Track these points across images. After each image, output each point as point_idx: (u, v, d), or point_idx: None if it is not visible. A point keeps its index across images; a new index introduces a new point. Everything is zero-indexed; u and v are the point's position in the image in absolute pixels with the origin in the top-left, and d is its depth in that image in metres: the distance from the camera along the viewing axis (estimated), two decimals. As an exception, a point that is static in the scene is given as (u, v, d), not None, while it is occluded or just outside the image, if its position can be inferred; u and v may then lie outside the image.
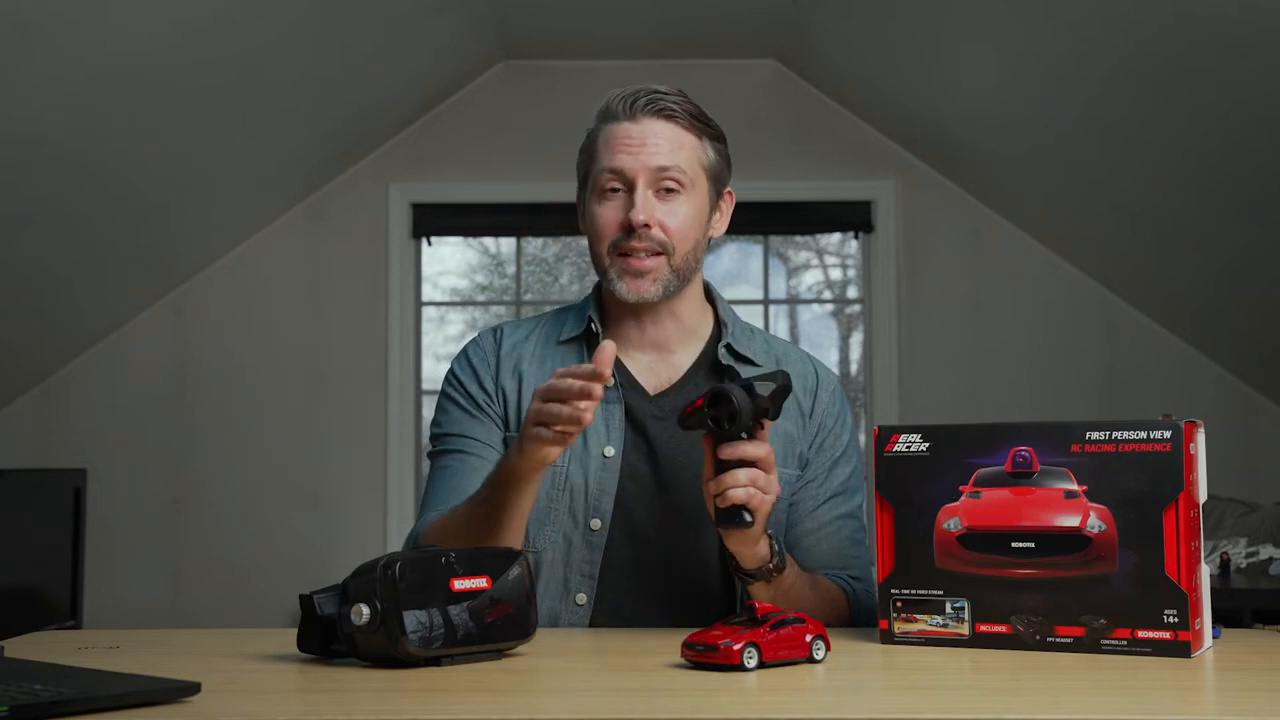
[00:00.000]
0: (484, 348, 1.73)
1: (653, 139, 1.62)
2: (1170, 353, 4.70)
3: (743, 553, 1.48)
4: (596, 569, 1.61)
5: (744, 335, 1.72)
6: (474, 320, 5.02)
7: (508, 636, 1.28)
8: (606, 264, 1.64)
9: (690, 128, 1.65)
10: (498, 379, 1.69)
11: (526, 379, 1.68)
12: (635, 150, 1.61)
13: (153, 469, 4.66)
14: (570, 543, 1.61)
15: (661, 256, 1.62)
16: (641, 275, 1.62)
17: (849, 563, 1.66)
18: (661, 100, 1.63)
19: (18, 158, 3.31)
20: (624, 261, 1.62)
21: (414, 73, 4.45)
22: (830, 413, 1.70)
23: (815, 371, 1.73)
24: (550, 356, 1.70)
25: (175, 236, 4.41)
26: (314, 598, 1.27)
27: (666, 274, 1.63)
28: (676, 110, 1.64)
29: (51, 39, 2.94)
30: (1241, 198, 3.73)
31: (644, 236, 1.60)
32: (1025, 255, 4.75)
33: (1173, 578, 1.25)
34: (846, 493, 1.69)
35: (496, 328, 1.76)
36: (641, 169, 1.61)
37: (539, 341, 1.72)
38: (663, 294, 1.64)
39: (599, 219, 1.63)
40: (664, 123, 1.63)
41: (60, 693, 1.01)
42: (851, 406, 1.81)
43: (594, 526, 1.61)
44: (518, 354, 1.71)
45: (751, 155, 4.74)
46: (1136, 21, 3.24)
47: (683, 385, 1.67)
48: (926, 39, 3.99)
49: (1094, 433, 1.29)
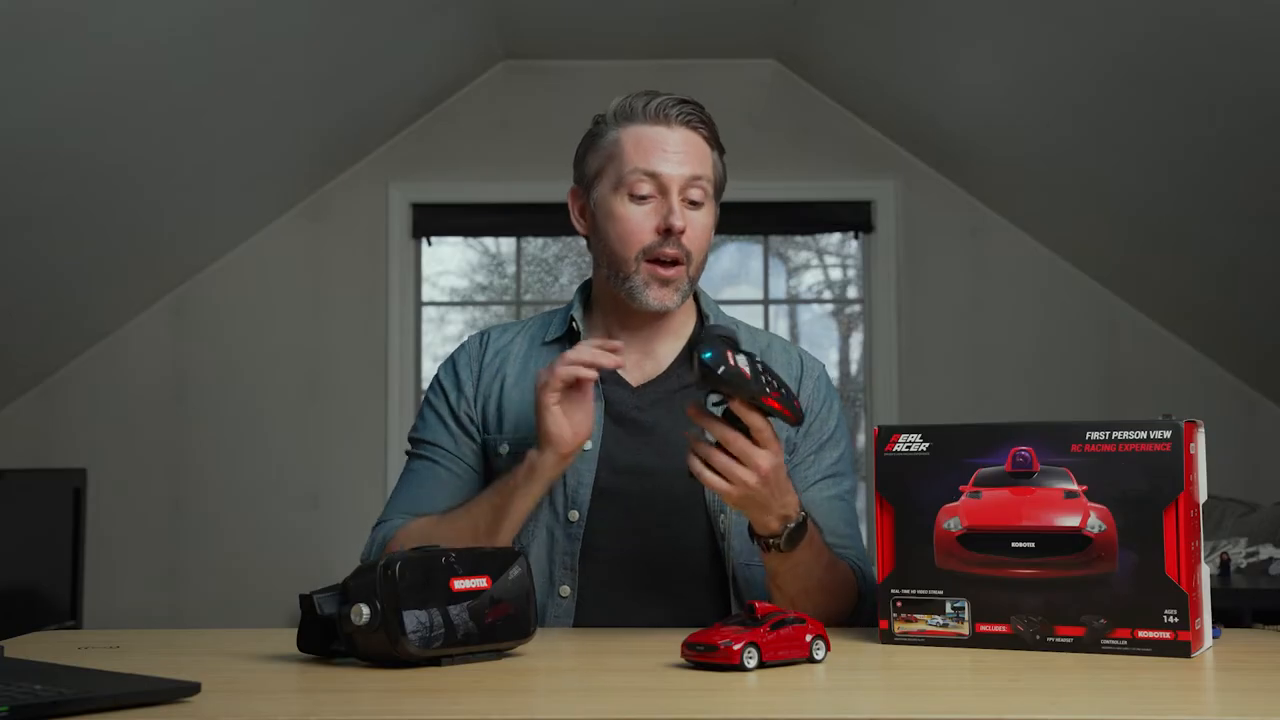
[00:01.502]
0: (469, 352, 1.75)
1: (686, 147, 1.64)
2: (1170, 353, 4.70)
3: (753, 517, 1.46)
4: (576, 560, 1.62)
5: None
6: (474, 320, 5.02)
7: (508, 636, 1.28)
8: (631, 269, 1.63)
9: (709, 140, 1.67)
10: (479, 385, 1.71)
11: (508, 380, 1.70)
12: (672, 156, 1.62)
13: (153, 469, 4.66)
14: (552, 536, 1.62)
15: (683, 266, 1.63)
16: (667, 284, 1.63)
17: (845, 542, 1.66)
18: (690, 113, 1.65)
19: (18, 158, 3.31)
20: (653, 268, 1.62)
21: (414, 73, 4.45)
22: (816, 398, 1.71)
23: (800, 359, 1.75)
24: (534, 358, 1.71)
25: (175, 236, 4.41)
26: (314, 598, 1.27)
27: (685, 284, 1.65)
28: (704, 124, 1.66)
29: (51, 39, 2.94)
30: (1241, 198, 3.73)
31: (676, 243, 1.61)
32: (1025, 255, 4.75)
33: (1173, 578, 1.25)
34: (836, 476, 1.69)
35: (484, 332, 1.78)
36: (677, 175, 1.62)
37: (524, 344, 1.74)
38: (679, 302, 1.66)
39: (630, 221, 1.63)
40: (692, 132, 1.65)
41: (60, 693, 1.01)
42: (851, 406, 1.82)
43: (572, 518, 1.62)
44: (502, 357, 1.73)
45: (751, 155, 4.76)
46: (1136, 21, 3.24)
47: (666, 377, 1.69)
48: (926, 39, 3.99)
49: (1094, 433, 1.29)
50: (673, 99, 1.65)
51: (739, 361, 1.34)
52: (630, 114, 1.65)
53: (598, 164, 1.67)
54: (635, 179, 1.62)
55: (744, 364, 1.35)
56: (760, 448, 1.38)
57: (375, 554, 1.63)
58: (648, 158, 1.62)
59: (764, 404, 1.36)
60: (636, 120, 1.64)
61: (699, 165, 1.64)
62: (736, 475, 1.38)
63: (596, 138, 1.68)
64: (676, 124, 1.64)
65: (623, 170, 1.63)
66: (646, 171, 1.62)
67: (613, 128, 1.66)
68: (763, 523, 1.45)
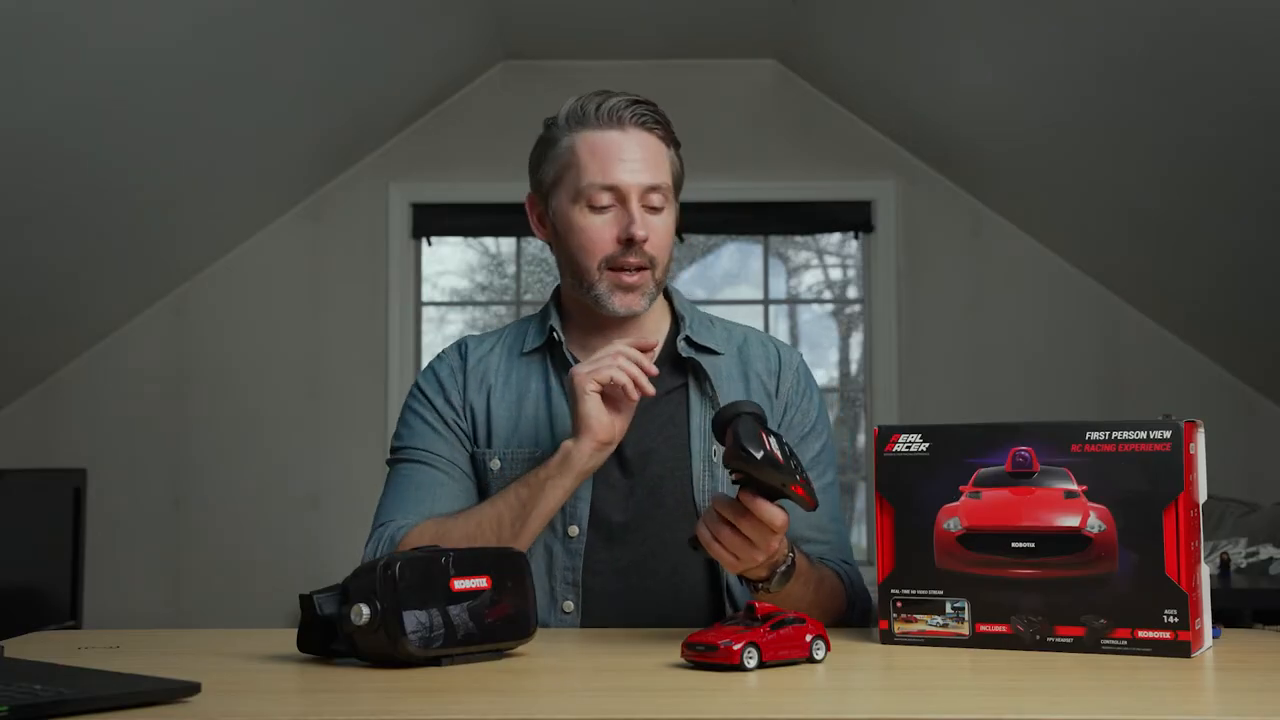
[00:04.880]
0: (450, 364, 1.72)
1: (642, 152, 1.61)
2: (1170, 353, 4.69)
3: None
4: (579, 575, 1.61)
5: (702, 326, 1.73)
6: (474, 320, 5.02)
7: (508, 636, 1.28)
8: (595, 278, 1.62)
9: (665, 138, 1.66)
10: (465, 394, 1.69)
11: (494, 394, 1.68)
12: (630, 164, 1.60)
13: (153, 469, 4.66)
14: (551, 552, 1.61)
15: (647, 271, 1.62)
16: (632, 290, 1.62)
17: (829, 537, 1.66)
18: (644, 113, 1.63)
19: (18, 158, 3.31)
20: (616, 276, 1.62)
21: (414, 73, 4.45)
22: (795, 389, 1.70)
23: (777, 352, 1.73)
24: (514, 369, 1.70)
25: (175, 236, 4.41)
26: (314, 598, 1.27)
27: (652, 287, 1.64)
28: (659, 123, 1.64)
29: (51, 39, 2.94)
30: (1241, 198, 3.73)
31: (638, 252, 1.60)
32: (1025, 255, 4.75)
33: (1173, 578, 1.25)
34: (818, 467, 1.67)
35: (460, 342, 1.75)
36: (635, 184, 1.60)
37: (502, 354, 1.72)
38: (647, 307, 1.65)
39: (590, 232, 1.61)
40: (647, 134, 1.63)
41: (60, 693, 1.01)
42: (851, 406, 1.82)
43: (572, 534, 1.61)
44: (484, 367, 1.70)
45: (751, 155, 4.79)
46: (1136, 21, 3.24)
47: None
48: (926, 39, 3.99)
49: (1094, 433, 1.29)
50: (625, 100, 1.62)
51: (772, 444, 1.30)
52: (583, 118, 1.63)
53: (553, 172, 1.65)
54: (593, 192, 1.60)
55: (776, 447, 1.31)
56: (774, 534, 1.36)
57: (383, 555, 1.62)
58: (605, 169, 1.60)
59: (791, 491, 1.32)
60: (589, 125, 1.62)
61: (657, 171, 1.62)
62: (746, 556, 1.36)
63: (550, 144, 1.66)
64: (631, 126, 1.62)
65: (580, 183, 1.61)
66: (604, 185, 1.60)
67: (565, 133, 1.64)
68: (752, 572, 1.43)
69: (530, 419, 1.66)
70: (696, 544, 1.39)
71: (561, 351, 1.67)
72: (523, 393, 1.68)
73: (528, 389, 1.68)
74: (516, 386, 1.68)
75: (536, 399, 1.67)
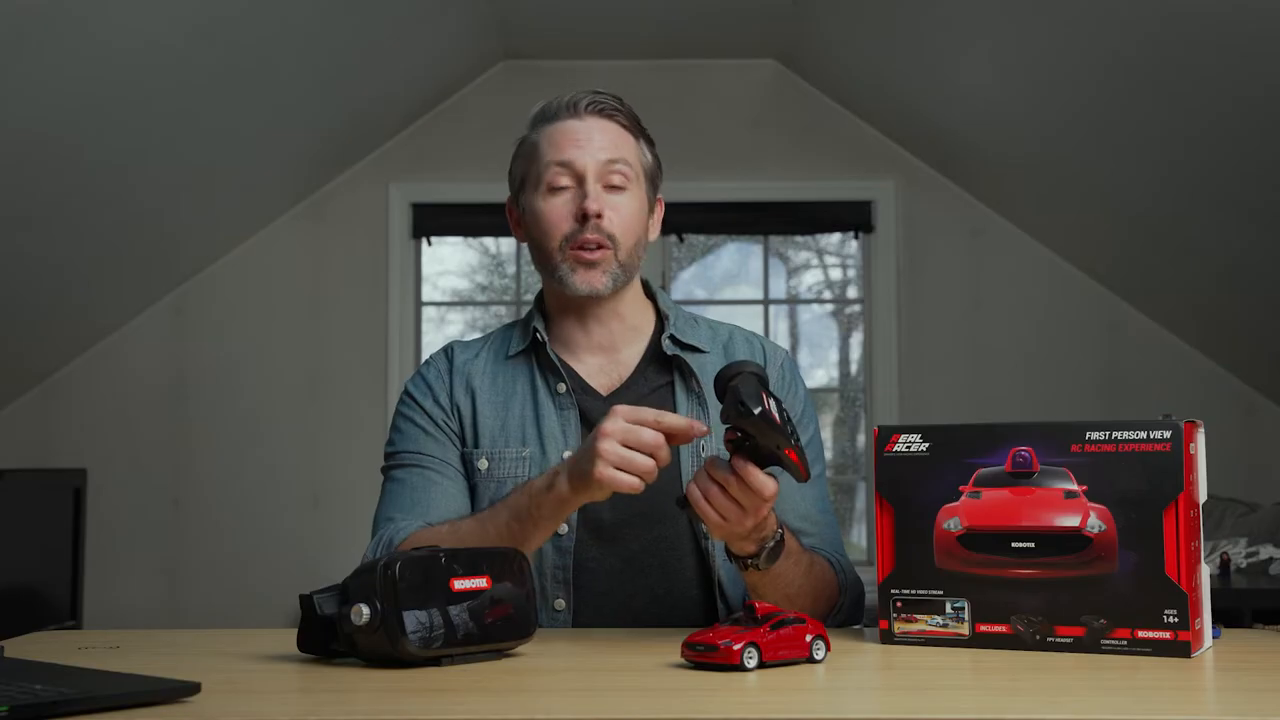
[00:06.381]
0: (437, 367, 1.74)
1: (599, 135, 1.65)
2: (1170, 353, 4.70)
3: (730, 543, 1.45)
4: (569, 573, 1.62)
5: (687, 325, 1.74)
6: (474, 320, 5.02)
7: (508, 636, 1.28)
8: (557, 260, 1.64)
9: (630, 128, 1.68)
10: (452, 396, 1.71)
11: (479, 395, 1.69)
12: (583, 144, 1.64)
13: (153, 469, 4.66)
14: (542, 550, 1.61)
15: (609, 250, 1.63)
16: (593, 266, 1.63)
17: (819, 528, 1.66)
18: (602, 101, 1.66)
19: (18, 158, 3.31)
20: (576, 254, 1.63)
21: (414, 73, 4.45)
22: (782, 384, 1.71)
23: (762, 348, 1.74)
24: (501, 372, 1.71)
25: (175, 236, 4.41)
26: (314, 598, 1.27)
27: (614, 267, 1.65)
28: (619, 111, 1.67)
29: (51, 38, 2.94)
30: (1241, 198, 3.73)
31: (596, 228, 1.62)
32: (1025, 255, 4.75)
33: (1173, 578, 1.25)
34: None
35: (447, 347, 1.78)
36: (591, 161, 1.63)
37: (488, 358, 1.73)
38: (611, 286, 1.65)
39: (548, 214, 1.64)
40: (607, 121, 1.66)
41: (60, 693, 1.01)
42: (851, 406, 1.82)
43: (561, 532, 1.61)
44: (469, 370, 1.72)
45: (751, 155, 4.79)
46: (1136, 21, 3.24)
47: (633, 382, 1.69)
48: (926, 39, 3.99)
49: (1094, 433, 1.29)
50: (585, 91, 1.66)
51: (771, 405, 1.30)
52: (544, 115, 1.68)
53: (521, 171, 1.70)
54: (552, 172, 1.64)
55: (775, 409, 1.30)
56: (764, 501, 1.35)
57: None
58: (561, 150, 1.64)
59: (784, 455, 1.31)
60: (549, 120, 1.67)
61: (614, 149, 1.64)
62: (734, 517, 1.36)
63: (519, 147, 1.71)
64: (588, 114, 1.65)
65: (538, 168, 1.65)
66: (560, 162, 1.63)
67: (533, 133, 1.68)
68: (739, 546, 1.44)
69: (517, 419, 1.67)
70: (685, 503, 1.38)
71: (547, 353, 1.68)
72: (509, 394, 1.70)
73: (514, 390, 1.70)
74: (503, 388, 1.70)
75: (523, 399, 1.69)
